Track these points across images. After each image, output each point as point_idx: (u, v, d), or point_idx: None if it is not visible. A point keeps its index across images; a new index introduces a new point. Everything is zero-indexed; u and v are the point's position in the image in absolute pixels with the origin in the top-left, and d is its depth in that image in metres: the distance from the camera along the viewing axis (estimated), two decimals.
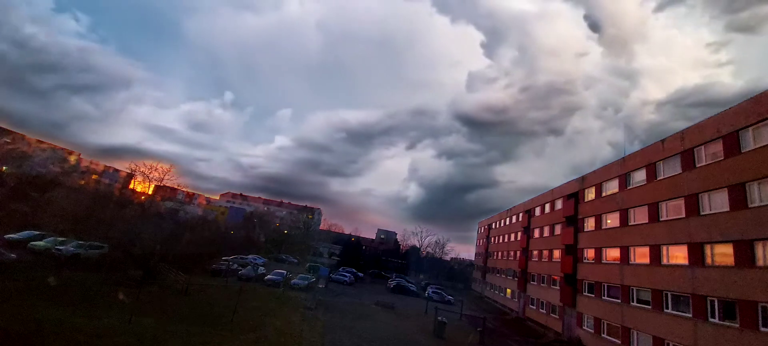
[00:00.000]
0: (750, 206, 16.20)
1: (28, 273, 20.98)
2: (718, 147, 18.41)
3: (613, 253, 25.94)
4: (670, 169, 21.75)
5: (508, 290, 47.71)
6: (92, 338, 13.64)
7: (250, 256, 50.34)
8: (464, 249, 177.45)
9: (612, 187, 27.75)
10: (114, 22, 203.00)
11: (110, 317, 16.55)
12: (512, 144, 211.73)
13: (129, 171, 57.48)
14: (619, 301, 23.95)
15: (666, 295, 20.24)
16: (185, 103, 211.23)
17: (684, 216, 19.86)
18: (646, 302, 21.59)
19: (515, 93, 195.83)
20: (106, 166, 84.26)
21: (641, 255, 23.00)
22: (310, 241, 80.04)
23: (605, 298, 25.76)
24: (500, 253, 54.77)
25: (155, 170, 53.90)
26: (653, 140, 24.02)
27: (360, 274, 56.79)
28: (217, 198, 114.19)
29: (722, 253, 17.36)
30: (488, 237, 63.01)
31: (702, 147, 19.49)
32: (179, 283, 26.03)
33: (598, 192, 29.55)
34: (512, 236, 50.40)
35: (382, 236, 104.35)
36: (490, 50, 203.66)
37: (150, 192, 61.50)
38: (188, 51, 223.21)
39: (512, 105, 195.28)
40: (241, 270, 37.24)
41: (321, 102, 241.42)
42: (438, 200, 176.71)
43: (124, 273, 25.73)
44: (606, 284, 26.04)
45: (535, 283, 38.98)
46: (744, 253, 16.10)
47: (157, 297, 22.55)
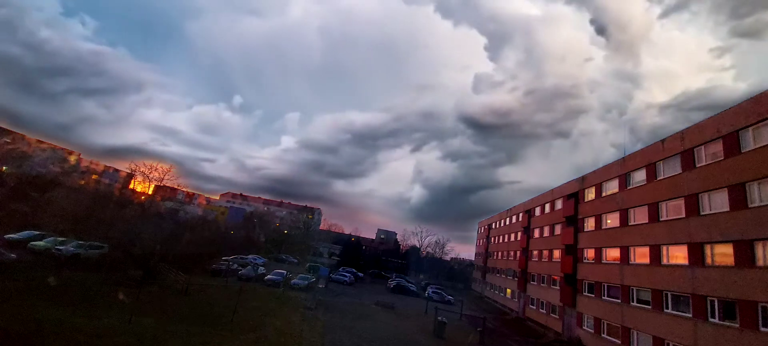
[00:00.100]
0: (750, 206, 16.20)
1: (28, 273, 20.98)
2: (718, 147, 18.41)
3: (613, 253, 25.94)
4: (670, 169, 21.74)
5: (508, 290, 47.70)
6: (92, 338, 13.64)
7: (250, 256, 50.33)
8: (464, 249, 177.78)
9: (612, 187, 27.74)
10: (120, 26, 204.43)
11: (110, 317, 16.55)
12: (517, 146, 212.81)
13: (129, 171, 57.54)
14: (619, 301, 23.94)
15: (666, 295, 20.24)
16: (194, 106, 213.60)
17: (684, 216, 19.86)
18: (646, 302, 21.59)
19: (520, 96, 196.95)
20: (107, 166, 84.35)
21: (641, 255, 22.99)
22: (310, 241, 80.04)
23: (605, 298, 25.76)
24: (500, 253, 54.76)
25: (155, 170, 53.97)
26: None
27: (360, 274, 56.78)
28: (217, 198, 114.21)
29: (722, 253, 17.35)
30: (488, 237, 63.01)
31: (702, 147, 19.48)
32: (179, 283, 26.03)
33: (598, 192, 29.55)
34: (512, 236, 50.39)
35: (382, 236, 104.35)
36: (494, 54, 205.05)
37: (150, 192, 61.53)
38: (195, 55, 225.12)
39: (517, 108, 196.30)
40: (241, 270, 37.23)
41: (326, 105, 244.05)
42: (440, 201, 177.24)
43: (124, 273, 25.72)
44: (606, 284, 26.03)
45: (535, 283, 38.97)
46: (744, 253, 16.09)
47: (157, 297, 22.55)
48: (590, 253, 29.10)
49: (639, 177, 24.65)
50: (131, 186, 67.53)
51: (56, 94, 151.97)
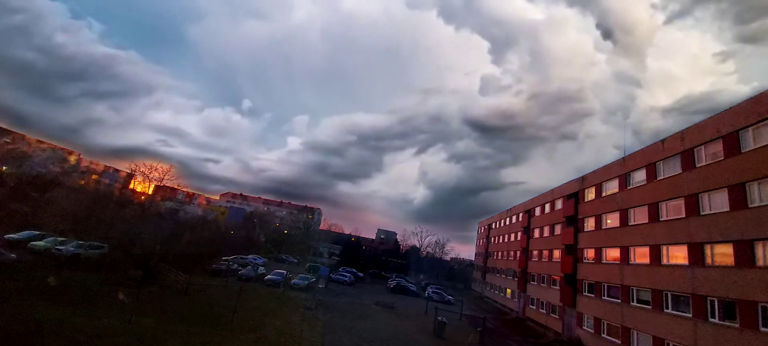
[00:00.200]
0: (750, 206, 16.20)
1: (28, 273, 20.97)
2: (718, 147, 18.41)
3: (613, 253, 25.93)
4: (670, 169, 21.74)
5: (508, 290, 47.70)
6: (92, 338, 13.64)
7: (250, 256, 50.31)
8: (464, 249, 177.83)
9: (612, 187, 27.74)
10: (125, 29, 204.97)
11: (110, 317, 16.55)
12: (521, 148, 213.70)
13: (129, 171, 57.53)
14: (619, 301, 23.94)
15: (666, 295, 20.23)
16: (205, 109, 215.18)
17: (684, 216, 19.86)
18: (646, 302, 21.58)
19: (524, 99, 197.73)
20: (107, 166, 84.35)
21: (641, 255, 22.99)
22: (310, 241, 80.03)
23: (605, 298, 25.75)
24: (500, 253, 54.76)
25: (155, 170, 53.92)
26: None
27: (360, 274, 56.77)
28: (217, 198, 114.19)
29: (722, 253, 17.35)
30: (488, 237, 63.00)
31: (702, 147, 19.48)
32: (179, 283, 26.02)
33: (598, 192, 29.55)
34: (512, 236, 50.39)
35: (382, 236, 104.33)
36: (498, 57, 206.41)
37: (150, 192, 61.53)
38: (200, 58, 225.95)
39: (521, 111, 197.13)
40: (241, 270, 37.22)
41: (331, 108, 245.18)
42: (442, 202, 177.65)
43: (124, 273, 25.72)
44: (606, 284, 26.03)
45: (535, 283, 38.97)
46: (744, 253, 16.09)
47: (157, 297, 22.55)
48: (590, 253, 29.10)
49: (639, 177, 24.65)
50: (131, 186, 67.56)
51: (67, 97, 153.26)
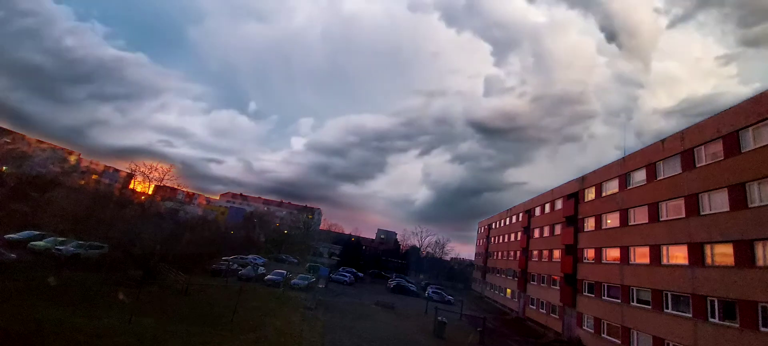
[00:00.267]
0: (750, 206, 16.20)
1: (28, 273, 20.97)
2: (718, 147, 18.40)
3: (613, 253, 25.93)
4: (670, 169, 21.74)
5: (508, 290, 47.70)
6: (92, 338, 13.64)
7: (250, 256, 50.31)
8: (464, 249, 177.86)
9: (612, 187, 27.74)
10: (129, 32, 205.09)
11: (110, 317, 16.55)
12: (524, 149, 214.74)
13: (129, 171, 57.52)
14: (619, 301, 23.94)
15: (666, 295, 20.23)
16: (209, 112, 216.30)
17: (684, 216, 19.86)
18: (646, 302, 21.58)
19: (527, 102, 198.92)
20: (107, 166, 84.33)
21: (641, 255, 22.99)
22: (310, 241, 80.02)
23: (605, 298, 25.75)
24: (500, 253, 54.76)
25: (155, 170, 53.92)
26: None
27: (360, 274, 56.76)
28: (217, 198, 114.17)
29: (722, 253, 17.35)
30: (488, 237, 63.00)
31: (702, 147, 19.48)
32: (179, 283, 26.02)
33: (598, 192, 29.54)
34: (512, 236, 50.39)
35: (382, 236, 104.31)
36: (500, 60, 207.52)
37: (150, 192, 61.53)
38: (203, 61, 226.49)
39: (523, 113, 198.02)
40: (241, 270, 37.22)
41: (334, 110, 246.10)
42: (445, 202, 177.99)
43: (124, 273, 25.71)
44: (606, 284, 26.03)
45: (535, 283, 38.96)
46: (744, 253, 16.09)
47: (157, 297, 22.55)
48: (590, 253, 29.10)
49: (639, 177, 24.65)
50: (131, 186, 67.57)
51: (75, 99, 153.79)
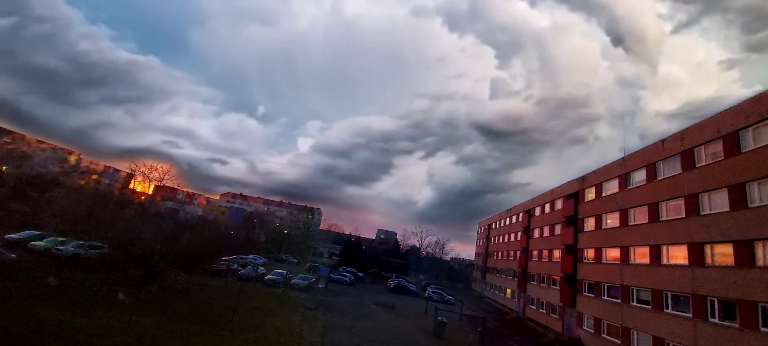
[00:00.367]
0: (750, 206, 16.19)
1: (28, 273, 20.96)
2: (718, 147, 18.40)
3: (613, 253, 25.93)
4: (670, 169, 21.74)
5: (508, 290, 47.70)
6: (92, 338, 13.64)
7: (250, 256, 50.30)
8: (464, 249, 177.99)
9: (612, 187, 27.74)
10: (134, 34, 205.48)
11: (110, 317, 16.55)
12: (528, 151, 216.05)
13: (129, 171, 57.51)
14: (619, 301, 23.93)
15: (666, 295, 20.23)
16: (219, 115, 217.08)
17: (684, 216, 19.85)
18: (646, 302, 21.58)
19: (532, 104, 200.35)
20: (107, 166, 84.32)
21: (641, 255, 22.99)
22: (310, 241, 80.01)
23: (605, 298, 25.75)
24: (500, 253, 54.75)
25: (155, 170, 53.90)
26: None
27: (360, 274, 56.76)
28: (218, 198, 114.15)
29: (722, 253, 17.35)
30: (488, 237, 63.00)
31: (702, 147, 19.48)
32: (179, 283, 26.02)
33: (598, 192, 29.54)
34: (512, 236, 50.39)
35: (382, 236, 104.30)
36: (504, 63, 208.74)
37: (150, 192, 61.52)
38: (208, 64, 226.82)
39: (528, 115, 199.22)
40: (241, 270, 37.22)
41: (340, 113, 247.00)
42: (448, 203, 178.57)
43: (124, 273, 25.71)
44: (606, 284, 26.03)
45: (535, 283, 38.97)
46: (744, 253, 16.09)
47: (157, 297, 22.54)
48: (590, 253, 29.10)
49: (639, 177, 24.65)
50: (131, 186, 67.57)
51: (86, 102, 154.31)
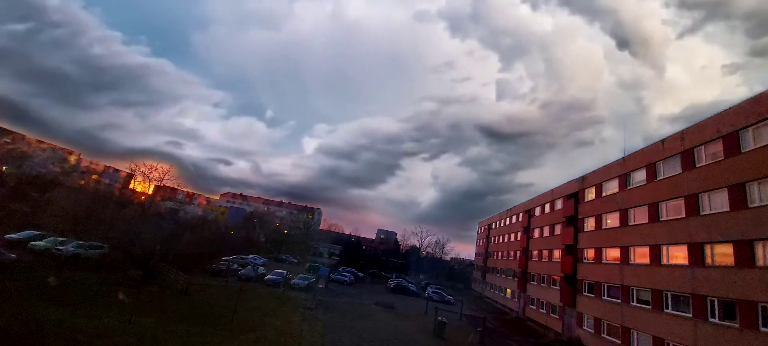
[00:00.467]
0: (750, 206, 16.20)
1: (28, 273, 20.96)
2: (718, 147, 18.40)
3: (613, 253, 25.93)
4: (670, 169, 21.74)
5: (508, 290, 47.70)
6: (92, 338, 13.64)
7: (250, 256, 50.31)
8: (464, 249, 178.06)
9: (612, 187, 27.74)
10: (139, 36, 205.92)
11: (110, 317, 16.55)
12: (532, 153, 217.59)
13: (129, 171, 57.49)
14: (619, 301, 23.94)
15: (666, 295, 20.23)
16: (228, 118, 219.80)
17: (684, 216, 19.86)
18: (646, 302, 21.58)
19: (536, 107, 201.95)
20: (107, 166, 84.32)
21: (641, 255, 22.99)
22: (310, 241, 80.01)
23: (605, 298, 25.75)
24: (500, 253, 54.76)
25: (155, 170, 53.87)
26: None
27: (360, 274, 56.76)
28: (218, 198, 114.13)
29: (722, 253, 17.35)
30: (488, 237, 63.00)
31: (702, 147, 19.48)
32: (179, 283, 26.02)
33: (598, 192, 29.54)
34: (512, 236, 50.38)
35: (382, 236, 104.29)
36: (507, 66, 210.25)
37: (150, 192, 61.52)
38: (211, 65, 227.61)
39: (533, 118, 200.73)
40: (241, 270, 37.22)
41: (344, 115, 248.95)
42: (450, 204, 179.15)
43: (124, 273, 25.71)
44: (606, 284, 26.03)
45: (535, 283, 38.96)
46: (744, 253, 16.09)
47: (157, 297, 22.54)
48: (590, 253, 29.10)
49: (639, 177, 24.65)
50: (131, 186, 67.56)
51: (96, 103, 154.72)
